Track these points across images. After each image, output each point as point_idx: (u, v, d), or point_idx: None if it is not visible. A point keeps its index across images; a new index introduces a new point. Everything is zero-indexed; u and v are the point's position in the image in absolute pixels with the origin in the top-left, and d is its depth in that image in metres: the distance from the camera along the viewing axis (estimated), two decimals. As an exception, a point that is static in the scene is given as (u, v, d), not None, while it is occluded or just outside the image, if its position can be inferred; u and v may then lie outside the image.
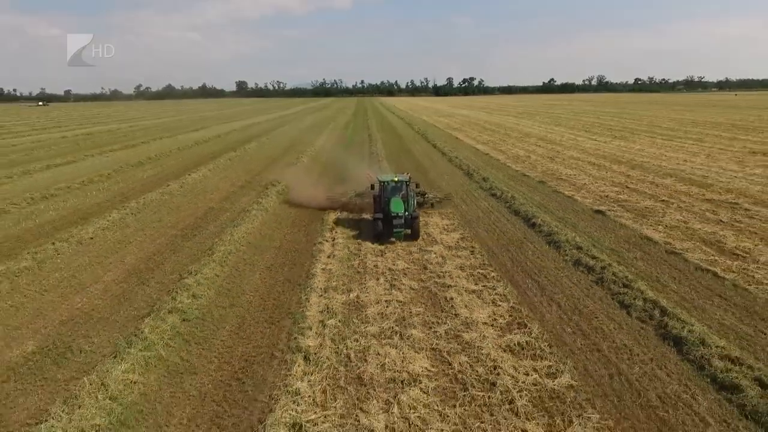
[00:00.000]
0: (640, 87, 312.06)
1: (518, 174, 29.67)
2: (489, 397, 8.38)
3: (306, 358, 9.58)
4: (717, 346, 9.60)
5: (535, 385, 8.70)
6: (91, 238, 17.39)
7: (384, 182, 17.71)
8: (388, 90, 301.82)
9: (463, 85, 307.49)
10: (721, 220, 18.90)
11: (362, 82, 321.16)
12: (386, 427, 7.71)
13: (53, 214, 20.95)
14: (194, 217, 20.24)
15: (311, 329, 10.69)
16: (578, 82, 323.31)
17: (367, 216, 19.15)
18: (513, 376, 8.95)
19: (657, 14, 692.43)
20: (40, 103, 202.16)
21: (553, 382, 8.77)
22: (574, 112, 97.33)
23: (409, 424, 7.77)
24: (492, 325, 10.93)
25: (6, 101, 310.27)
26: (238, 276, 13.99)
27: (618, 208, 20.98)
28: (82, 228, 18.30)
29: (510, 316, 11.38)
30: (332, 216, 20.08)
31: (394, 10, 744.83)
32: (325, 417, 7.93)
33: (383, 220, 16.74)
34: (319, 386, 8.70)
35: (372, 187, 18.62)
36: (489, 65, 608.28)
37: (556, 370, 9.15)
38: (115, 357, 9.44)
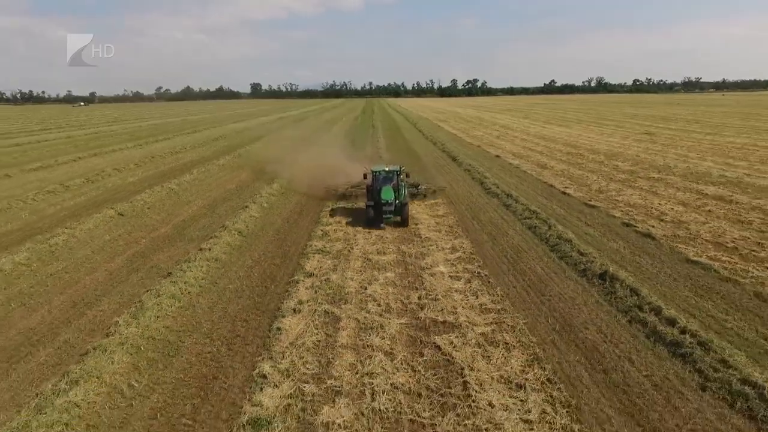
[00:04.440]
0: (637, 88, 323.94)
1: (468, 144, 45.38)
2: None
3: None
4: (521, 203, 25.26)
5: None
6: (222, 165, 33.53)
7: (376, 172, 18.88)
8: (395, 91, 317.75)
9: (467, 87, 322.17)
10: (563, 160, 34.46)
11: (370, 83, 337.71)
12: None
13: (188, 160, 37.19)
14: (270, 159, 36.11)
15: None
16: (578, 83, 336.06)
17: (361, 204, 21.05)
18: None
19: (657, 15, 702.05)
20: (81, 104, 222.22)
21: (439, 213, 24.51)
22: (551, 109, 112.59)
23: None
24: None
25: (36, 102, 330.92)
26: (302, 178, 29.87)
27: (510, 155, 36.64)
28: (213, 162, 34.45)
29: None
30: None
31: (403, 12, 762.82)
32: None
33: (374, 207, 17.83)
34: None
35: (365, 176, 19.81)
36: (493, 67, 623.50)
37: (444, 209, 24.92)
38: (253, 202, 25.17)
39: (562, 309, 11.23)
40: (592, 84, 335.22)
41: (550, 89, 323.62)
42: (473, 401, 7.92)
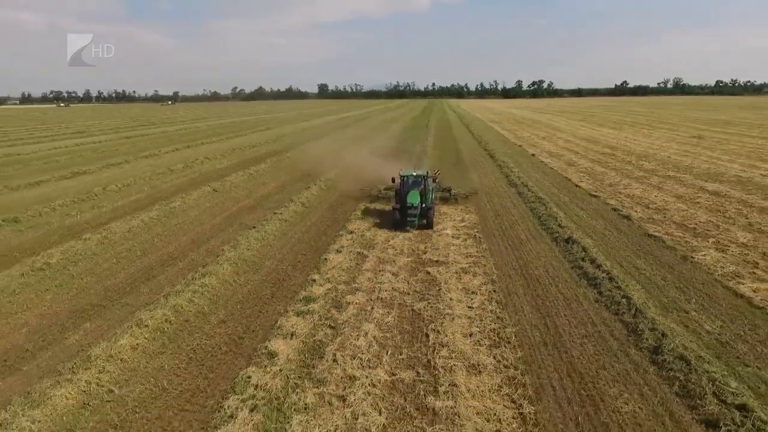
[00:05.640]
0: (720, 89, 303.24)
1: (511, 144, 48.87)
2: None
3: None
4: (533, 192, 29.21)
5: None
6: (290, 157, 39.69)
7: (404, 176, 19.63)
8: (458, 92, 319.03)
9: (532, 88, 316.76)
10: (593, 159, 37.42)
11: (433, 84, 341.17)
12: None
13: (263, 152, 43.81)
14: (336, 149, 41.77)
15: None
16: (653, 84, 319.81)
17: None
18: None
19: (745, 10, 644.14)
20: (169, 102, 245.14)
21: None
22: (611, 111, 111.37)
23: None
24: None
25: (129, 101, 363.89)
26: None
27: (546, 154, 39.98)
28: (283, 155, 40.71)
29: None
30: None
31: (469, 12, 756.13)
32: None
33: (400, 210, 18.49)
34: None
35: (393, 180, 20.77)
36: (562, 68, 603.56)
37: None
38: (314, 184, 30.54)
39: (525, 258, 15.53)
40: (669, 85, 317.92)
41: (621, 91, 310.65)
42: (440, 297, 12.59)
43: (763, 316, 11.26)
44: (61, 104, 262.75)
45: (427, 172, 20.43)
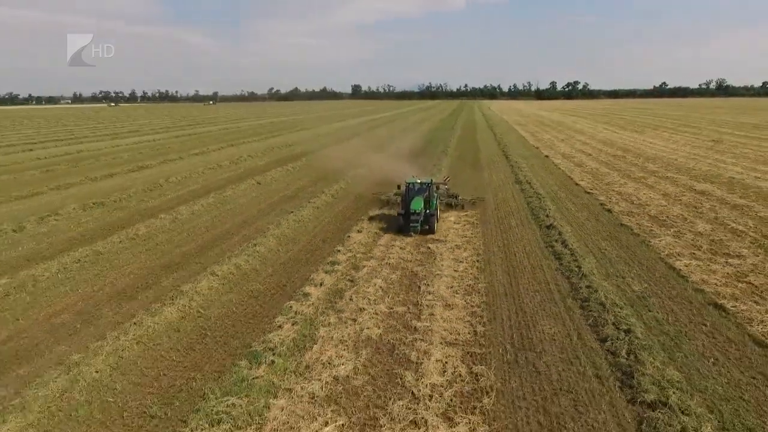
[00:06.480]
0: (766, 91, 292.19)
1: (530, 146, 51.75)
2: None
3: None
4: (534, 188, 32.45)
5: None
6: (322, 155, 43.99)
7: (410, 184, 20.76)
8: (490, 93, 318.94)
9: (566, 89, 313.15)
10: (602, 161, 40.09)
11: (466, 85, 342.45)
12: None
13: (298, 151, 48.33)
14: (365, 149, 45.87)
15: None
16: (694, 85, 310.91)
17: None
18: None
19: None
20: (211, 102, 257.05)
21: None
22: (640, 114, 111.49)
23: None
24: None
25: (171, 101, 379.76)
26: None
27: (559, 156, 42.83)
28: (317, 153, 45.05)
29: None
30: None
31: (504, 10, 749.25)
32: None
33: (405, 216, 19.59)
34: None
35: (399, 187, 21.94)
36: (601, 68, 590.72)
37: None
38: (342, 179, 34.69)
39: (510, 239, 19.08)
40: (711, 86, 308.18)
41: (660, 92, 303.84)
42: (435, 264, 16.36)
43: (683, 281, 14.53)
44: (111, 104, 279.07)
45: (431, 180, 21.66)
